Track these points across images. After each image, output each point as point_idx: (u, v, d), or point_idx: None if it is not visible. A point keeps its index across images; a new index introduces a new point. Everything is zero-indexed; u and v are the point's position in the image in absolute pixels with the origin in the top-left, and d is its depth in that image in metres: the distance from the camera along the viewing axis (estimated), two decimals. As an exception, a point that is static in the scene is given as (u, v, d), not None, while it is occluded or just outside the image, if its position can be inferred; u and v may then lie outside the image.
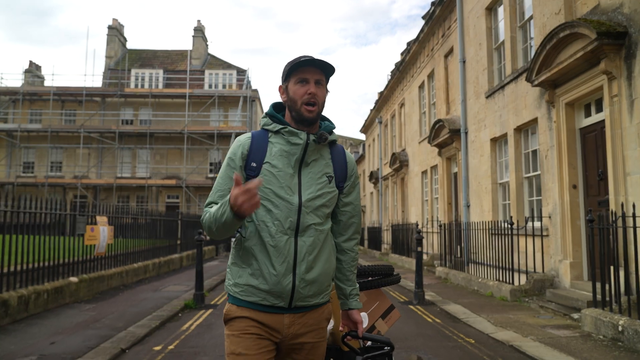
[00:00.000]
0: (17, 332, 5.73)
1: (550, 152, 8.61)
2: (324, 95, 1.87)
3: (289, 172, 1.82)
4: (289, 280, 1.77)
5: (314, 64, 1.82)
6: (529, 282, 8.41)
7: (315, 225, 1.82)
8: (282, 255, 1.76)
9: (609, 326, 5.47)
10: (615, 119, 6.78)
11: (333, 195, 1.90)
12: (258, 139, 1.88)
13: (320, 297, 1.86)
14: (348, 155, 2.01)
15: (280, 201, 1.78)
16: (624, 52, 6.62)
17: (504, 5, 10.66)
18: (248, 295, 1.79)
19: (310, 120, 1.83)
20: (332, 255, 1.91)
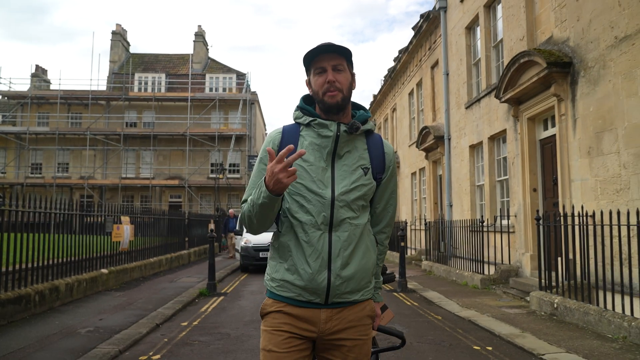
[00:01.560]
0: (69, 312, 7.01)
1: (516, 159, 9.93)
2: (346, 79, 1.80)
3: (321, 166, 1.77)
4: (324, 277, 1.71)
5: (327, 50, 1.77)
6: (497, 272, 9.74)
7: (350, 220, 1.75)
8: (316, 251, 1.72)
9: (548, 304, 6.80)
10: (563, 134, 8.11)
11: (369, 188, 1.81)
12: (289, 133, 1.84)
13: (360, 294, 1.79)
14: (386, 144, 1.92)
15: (312, 196, 1.74)
16: (570, 78, 7.93)
17: (480, 27, 11.96)
18: (284, 290, 1.76)
19: (335, 106, 1.77)
20: (371, 251, 1.84)
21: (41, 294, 6.90)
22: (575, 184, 7.76)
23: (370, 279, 1.83)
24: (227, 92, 33.46)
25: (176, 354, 5.18)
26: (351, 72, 1.84)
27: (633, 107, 6.40)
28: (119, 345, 5.34)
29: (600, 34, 7.12)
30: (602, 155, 7.05)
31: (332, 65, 1.77)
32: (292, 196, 1.78)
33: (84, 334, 5.80)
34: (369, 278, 1.82)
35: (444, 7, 14.36)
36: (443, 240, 13.74)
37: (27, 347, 5.10)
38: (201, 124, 32.70)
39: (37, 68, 35.36)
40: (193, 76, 33.56)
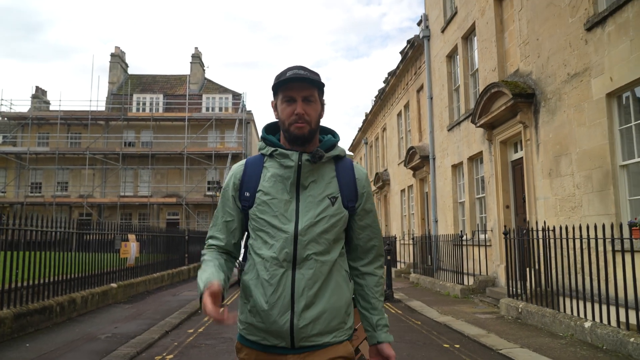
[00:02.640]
0: (86, 322, 7.79)
1: (491, 179, 10.86)
2: (315, 111, 1.70)
3: (284, 199, 1.66)
4: (286, 319, 1.59)
5: (299, 79, 1.65)
6: (475, 283, 10.59)
7: (316, 256, 1.62)
8: (277, 290, 1.60)
9: (514, 309, 7.66)
10: (529, 157, 9.05)
11: (338, 219, 1.68)
12: (252, 165, 1.75)
13: (331, 337, 1.64)
14: (357, 169, 1.79)
15: (275, 231, 1.64)
16: (533, 108, 8.91)
17: (459, 56, 12.99)
18: (249, 333, 1.67)
19: (301, 137, 1.67)
20: (343, 288, 1.68)
21: (61, 305, 7.69)
22: (539, 201, 8.68)
23: (343, 319, 1.67)
24: (223, 112, 34.46)
25: (187, 355, 5.98)
26: (321, 102, 1.75)
27: (582, 135, 7.35)
28: (136, 347, 6.13)
29: (556, 70, 8.11)
30: (560, 177, 7.99)
31: (302, 96, 1.67)
32: (256, 232, 1.68)
33: (103, 339, 6.59)
34: (342, 318, 1.66)
35: (427, 35, 15.43)
36: (430, 254, 14.59)
37: (58, 350, 5.89)
38: (198, 143, 33.61)
39: (37, 89, 36.28)
40: (190, 96, 34.57)
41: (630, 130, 6.57)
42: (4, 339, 6.15)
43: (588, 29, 7.19)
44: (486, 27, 11.07)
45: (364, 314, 1.78)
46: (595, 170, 7.04)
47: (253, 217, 1.69)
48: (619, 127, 6.76)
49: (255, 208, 1.68)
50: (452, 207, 13.54)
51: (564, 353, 5.40)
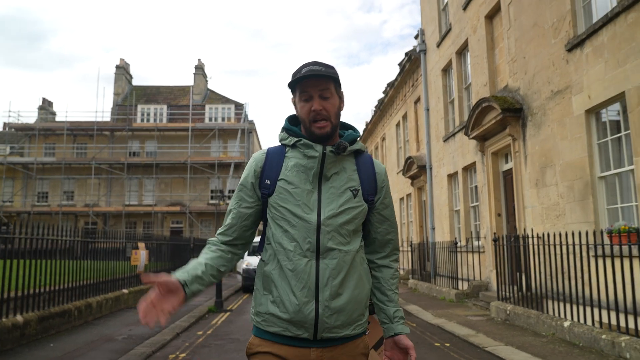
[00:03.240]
0: (102, 325, 8.31)
1: (484, 188, 11.39)
2: (334, 106, 1.71)
3: (306, 189, 1.67)
4: (312, 308, 1.60)
5: (313, 76, 1.67)
6: (469, 287, 11.09)
7: (338, 246, 1.65)
8: (302, 280, 1.61)
9: (503, 311, 8.16)
10: (517, 168, 9.59)
11: (359, 211, 1.71)
12: (273, 154, 1.76)
13: (352, 329, 1.66)
14: (377, 164, 1.83)
15: (297, 220, 1.65)
16: (521, 121, 9.46)
17: (454, 70, 13.57)
18: (269, 325, 1.65)
19: (323, 137, 1.69)
20: (364, 280, 1.71)
21: (79, 309, 8.22)
22: (527, 210, 9.21)
23: (363, 311, 1.70)
24: (226, 122, 35.09)
25: (198, 353, 6.50)
26: (339, 95, 1.75)
27: (565, 148, 7.89)
28: (151, 347, 6.65)
29: (541, 87, 8.67)
30: (545, 187, 8.52)
31: (318, 92, 1.69)
32: (276, 221, 1.69)
33: (120, 340, 7.11)
34: (362, 310, 1.69)
35: (423, 50, 16.03)
36: (428, 260, 15.08)
37: (80, 349, 6.41)
38: (201, 153, 34.21)
39: (43, 101, 36.99)
40: (193, 107, 35.22)
41: (607, 144, 7.11)
42: (30, 339, 6.68)
43: (569, 50, 7.75)
44: (478, 44, 11.65)
45: (380, 306, 1.78)
46: (577, 181, 7.57)
47: (274, 205, 1.69)
48: (597, 141, 7.30)
49: (276, 196, 1.68)
50: (448, 215, 14.06)
51: (543, 350, 5.91)
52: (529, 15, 9.11)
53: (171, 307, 1.57)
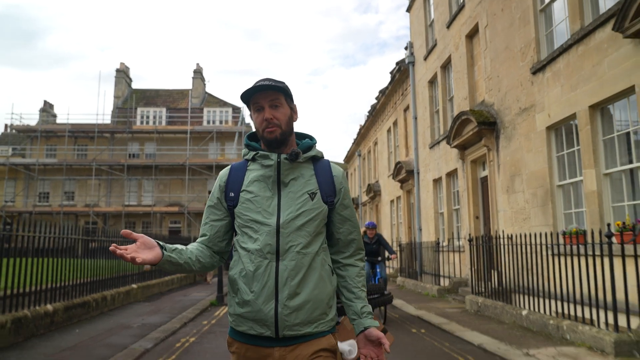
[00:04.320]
0: (117, 315, 9.26)
1: (464, 193, 12.41)
2: (284, 115, 1.83)
3: (266, 195, 1.79)
4: (271, 307, 1.69)
5: (262, 89, 1.80)
6: (450, 284, 12.10)
7: (297, 248, 1.73)
8: (262, 280, 1.71)
9: (475, 304, 9.17)
10: (492, 175, 10.61)
11: (318, 213, 1.80)
12: (236, 169, 1.90)
13: (313, 327, 1.73)
14: (334, 168, 1.91)
15: (258, 226, 1.76)
16: (495, 134, 10.48)
17: (439, 83, 14.59)
18: (238, 324, 1.77)
19: (275, 140, 1.81)
20: (326, 280, 1.78)
21: (96, 301, 9.16)
22: (500, 213, 10.23)
23: (325, 310, 1.77)
24: (223, 125, 36.03)
25: (205, 338, 7.46)
26: (290, 106, 1.88)
27: (530, 160, 8.91)
28: (164, 333, 7.61)
29: (511, 104, 9.69)
30: (514, 193, 9.54)
31: (269, 103, 1.81)
32: (241, 228, 1.81)
33: (135, 327, 8.07)
34: (324, 309, 1.77)
35: (412, 61, 17.04)
36: (415, 259, 16.10)
37: (103, 334, 7.36)
38: (199, 155, 35.12)
39: (44, 103, 37.81)
40: (192, 110, 36.14)
41: (564, 157, 8.14)
42: (58, 326, 7.62)
43: (533, 73, 8.77)
44: (459, 61, 12.67)
45: (348, 304, 1.85)
46: (539, 188, 8.60)
47: (238, 214, 1.82)
48: (556, 154, 8.32)
49: (240, 206, 1.81)
50: (434, 217, 15.08)
51: (502, 334, 6.91)
52: (501, 38, 10.13)
53: (145, 256, 1.63)
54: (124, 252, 1.57)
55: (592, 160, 7.11)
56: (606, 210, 6.95)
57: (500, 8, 10.20)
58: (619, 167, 6.81)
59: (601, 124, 7.14)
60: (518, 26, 9.40)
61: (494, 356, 5.74)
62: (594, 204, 7.03)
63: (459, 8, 12.61)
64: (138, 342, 6.83)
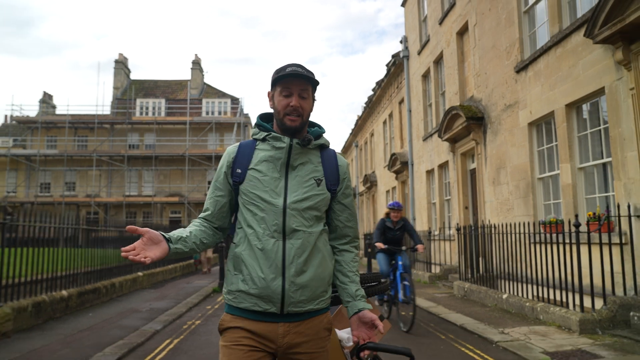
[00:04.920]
0: (126, 301, 9.85)
1: (455, 184, 12.97)
2: (309, 106, 1.88)
3: (274, 176, 1.83)
4: (279, 284, 1.74)
5: (299, 76, 1.83)
6: (441, 271, 12.71)
7: (302, 228, 1.79)
8: (269, 258, 1.75)
9: (462, 289, 9.78)
10: (480, 168, 11.17)
11: (322, 198, 1.86)
12: (245, 147, 1.92)
13: (315, 303, 1.81)
14: (340, 158, 1.98)
15: (265, 204, 1.79)
16: (483, 128, 11.01)
17: (431, 77, 15.08)
18: (240, 301, 1.78)
19: (293, 129, 1.84)
20: (327, 260, 1.87)
21: (106, 287, 9.75)
22: (487, 204, 10.80)
23: (326, 288, 1.85)
24: (222, 116, 36.45)
25: (210, 321, 8.05)
26: (313, 98, 1.92)
27: (514, 154, 9.46)
28: (171, 316, 8.19)
29: (497, 100, 10.21)
30: (500, 185, 10.10)
31: (298, 91, 1.84)
32: (247, 206, 1.84)
33: (144, 311, 8.65)
34: (325, 287, 1.85)
35: (406, 55, 17.50)
36: (408, 248, 16.68)
37: (115, 317, 7.95)
38: (199, 145, 35.59)
39: (44, 94, 38.11)
40: (191, 101, 36.53)
41: (544, 152, 8.69)
42: (72, 310, 8.21)
43: (517, 72, 9.29)
44: (451, 57, 13.15)
45: (343, 287, 1.92)
46: (521, 181, 9.16)
47: (244, 191, 1.84)
48: (537, 149, 8.87)
49: (246, 183, 1.84)
50: (427, 207, 15.65)
51: (483, 315, 7.52)
52: (489, 37, 10.62)
53: (154, 254, 1.67)
54: (133, 257, 1.62)
55: (567, 155, 7.66)
56: (580, 201, 7.52)
57: (488, 8, 10.67)
58: (591, 162, 7.37)
59: (576, 121, 7.68)
60: (504, 26, 9.89)
61: (472, 334, 6.34)
62: (569, 195, 7.60)
63: (450, 5, 13.06)
64: (148, 324, 7.41)
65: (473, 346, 5.68)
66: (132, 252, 1.62)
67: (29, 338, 6.21)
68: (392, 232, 7.47)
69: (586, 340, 5.47)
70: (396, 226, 7.50)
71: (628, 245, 6.15)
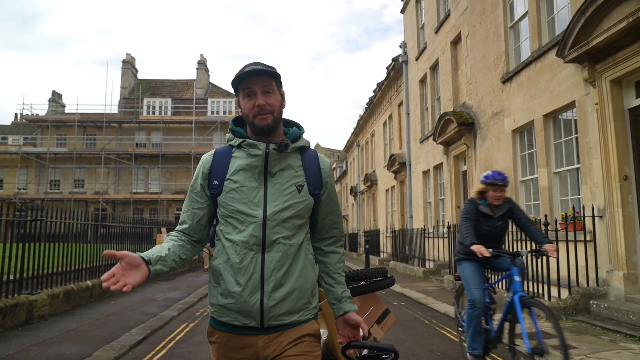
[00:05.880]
0: (142, 292, 10.70)
1: (448, 184, 13.77)
2: (276, 101, 1.78)
3: (252, 186, 1.75)
4: (257, 299, 1.68)
5: (255, 73, 1.73)
6: (435, 266, 13.52)
7: (283, 239, 1.72)
8: (247, 272, 1.69)
9: (451, 282, 10.60)
10: (470, 170, 11.97)
11: (304, 205, 1.78)
12: (220, 156, 1.82)
13: (298, 316, 1.74)
14: (322, 159, 1.88)
15: (244, 217, 1.72)
16: (473, 133, 11.80)
17: (428, 83, 15.86)
18: (220, 315, 1.75)
19: (266, 128, 1.76)
20: (309, 270, 1.79)
21: (124, 279, 10.60)
22: (476, 204, 11.59)
23: (309, 299, 1.78)
24: (227, 115, 37.32)
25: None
26: (280, 93, 1.82)
27: (500, 157, 10.26)
28: (185, 305, 9.04)
29: (486, 108, 11.00)
30: (487, 186, 10.88)
31: (261, 88, 1.75)
32: (225, 219, 1.77)
33: (160, 300, 9.51)
34: (308, 299, 1.77)
35: (405, 60, 18.28)
36: (406, 245, 17.52)
37: (135, 305, 8.80)
38: (204, 144, 36.47)
39: (53, 93, 39.07)
40: (196, 100, 37.42)
41: (525, 156, 9.49)
42: (96, 298, 9.07)
43: (503, 82, 10.07)
44: (446, 64, 13.94)
45: (329, 289, 1.89)
46: (506, 183, 9.94)
47: (222, 204, 1.76)
48: (520, 154, 9.67)
49: (224, 195, 1.75)
50: (423, 206, 16.46)
51: (467, 305, 8.33)
52: (479, 48, 11.41)
53: (134, 280, 1.59)
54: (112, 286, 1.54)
55: (545, 161, 8.46)
56: (555, 203, 8.32)
57: (478, 21, 11.45)
58: (565, 167, 8.16)
59: (553, 130, 8.47)
60: (492, 39, 10.67)
61: (454, 320, 7.15)
62: (546, 197, 8.40)
63: (445, 16, 13.83)
64: (165, 311, 8.26)
65: (452, 329, 6.51)
66: (111, 281, 1.54)
67: (63, 320, 7.07)
68: (491, 223, 4.49)
69: (550, 324, 6.27)
70: (497, 212, 4.48)
71: (592, 242, 6.95)
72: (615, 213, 6.61)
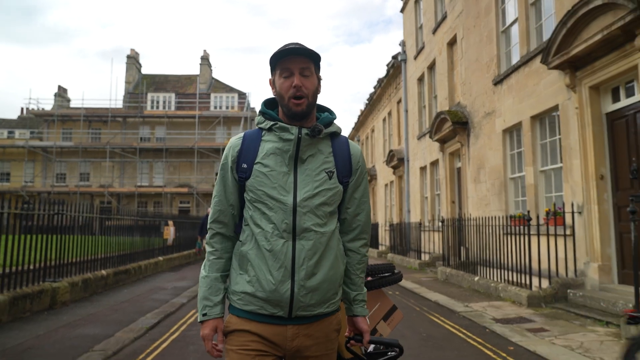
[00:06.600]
0: (152, 281, 11.32)
1: (443, 180, 14.32)
2: (313, 85, 1.73)
3: (282, 171, 1.70)
4: (287, 288, 1.65)
5: (296, 52, 1.70)
6: (430, 258, 14.11)
7: (314, 227, 1.68)
8: (278, 260, 1.65)
9: (444, 273, 11.19)
10: (464, 167, 12.52)
11: (334, 192, 1.74)
12: (250, 138, 1.78)
13: (325, 307, 1.72)
14: (353, 146, 1.83)
15: (273, 202, 1.68)
16: (467, 132, 12.34)
17: (426, 82, 16.37)
18: (245, 304, 1.69)
19: (300, 114, 1.71)
20: (339, 261, 1.75)
21: (134, 269, 11.22)
22: (469, 199, 12.17)
23: (337, 290, 1.75)
24: (230, 110, 37.86)
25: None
26: (318, 77, 1.78)
27: (491, 156, 10.80)
28: (193, 293, 9.63)
29: (479, 108, 11.54)
30: (480, 183, 11.45)
31: (299, 69, 1.71)
32: (254, 203, 1.72)
33: (169, 289, 10.12)
34: (336, 290, 1.75)
35: (404, 59, 18.77)
36: (404, 238, 18.11)
37: (146, 293, 9.41)
38: (207, 139, 37.05)
39: (59, 88, 39.67)
40: (200, 96, 37.92)
41: (515, 155, 10.03)
42: (109, 287, 9.68)
43: (494, 84, 10.60)
44: (442, 64, 14.44)
45: (343, 288, 1.83)
46: (497, 180, 10.51)
47: (251, 188, 1.72)
48: (509, 153, 10.21)
49: (253, 179, 1.71)
50: (420, 201, 17.03)
51: (457, 294, 8.93)
52: (473, 51, 11.92)
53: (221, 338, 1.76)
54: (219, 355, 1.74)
55: (531, 160, 9.01)
56: (540, 199, 8.88)
57: (473, 24, 11.96)
58: (549, 166, 8.72)
59: (539, 131, 9.02)
60: (485, 42, 11.18)
61: (443, 307, 7.75)
62: (532, 194, 8.96)
63: (442, 18, 14.32)
64: (175, 298, 8.87)
65: (440, 315, 7.10)
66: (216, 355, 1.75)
67: (83, 307, 7.68)
68: None
69: (529, 311, 6.87)
70: None
71: (572, 236, 7.52)
72: (592, 209, 7.17)
